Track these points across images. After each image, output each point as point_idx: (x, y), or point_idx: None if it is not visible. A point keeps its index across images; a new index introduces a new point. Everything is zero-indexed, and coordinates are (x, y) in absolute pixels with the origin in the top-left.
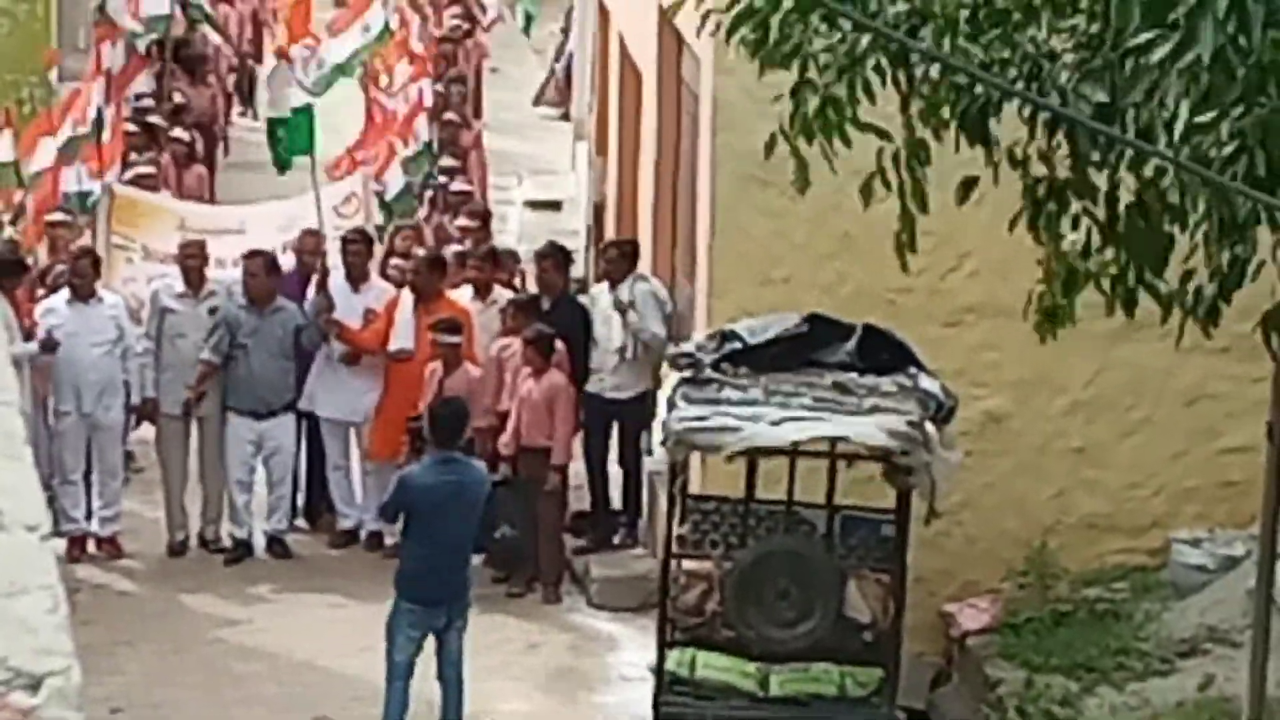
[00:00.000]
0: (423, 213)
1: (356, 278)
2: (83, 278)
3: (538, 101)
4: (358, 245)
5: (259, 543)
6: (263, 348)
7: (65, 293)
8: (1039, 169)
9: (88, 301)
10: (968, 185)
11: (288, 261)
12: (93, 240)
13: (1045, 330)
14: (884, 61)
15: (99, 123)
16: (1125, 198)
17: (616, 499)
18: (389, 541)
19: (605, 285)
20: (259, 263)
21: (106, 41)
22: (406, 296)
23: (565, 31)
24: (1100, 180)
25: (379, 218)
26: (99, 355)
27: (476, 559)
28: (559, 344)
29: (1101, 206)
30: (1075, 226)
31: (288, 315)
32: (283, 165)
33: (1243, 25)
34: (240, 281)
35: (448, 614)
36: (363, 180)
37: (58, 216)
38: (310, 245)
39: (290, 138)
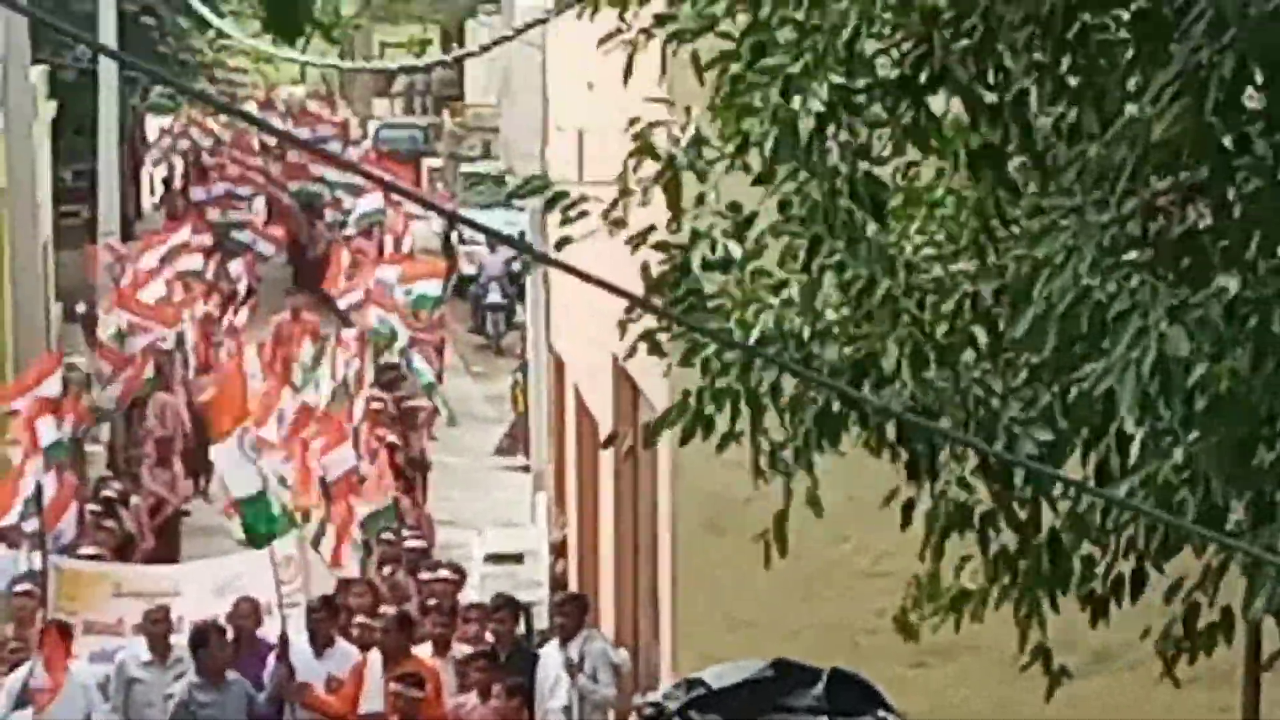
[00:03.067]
0: (377, 570)
1: (321, 644)
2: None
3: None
4: (320, 613)
5: None
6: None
7: (34, 665)
8: (958, 494)
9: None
10: (908, 508)
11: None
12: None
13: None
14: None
15: (39, 498)
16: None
17: None
18: None
19: (555, 643)
20: (214, 636)
21: (45, 415)
22: (375, 658)
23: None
24: (1020, 512)
25: (324, 584)
26: None
27: None
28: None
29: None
30: (984, 551)
31: (241, 687)
32: (255, 542)
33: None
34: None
35: None
36: (298, 542)
37: (24, 586)
38: (245, 610)
39: (253, 520)
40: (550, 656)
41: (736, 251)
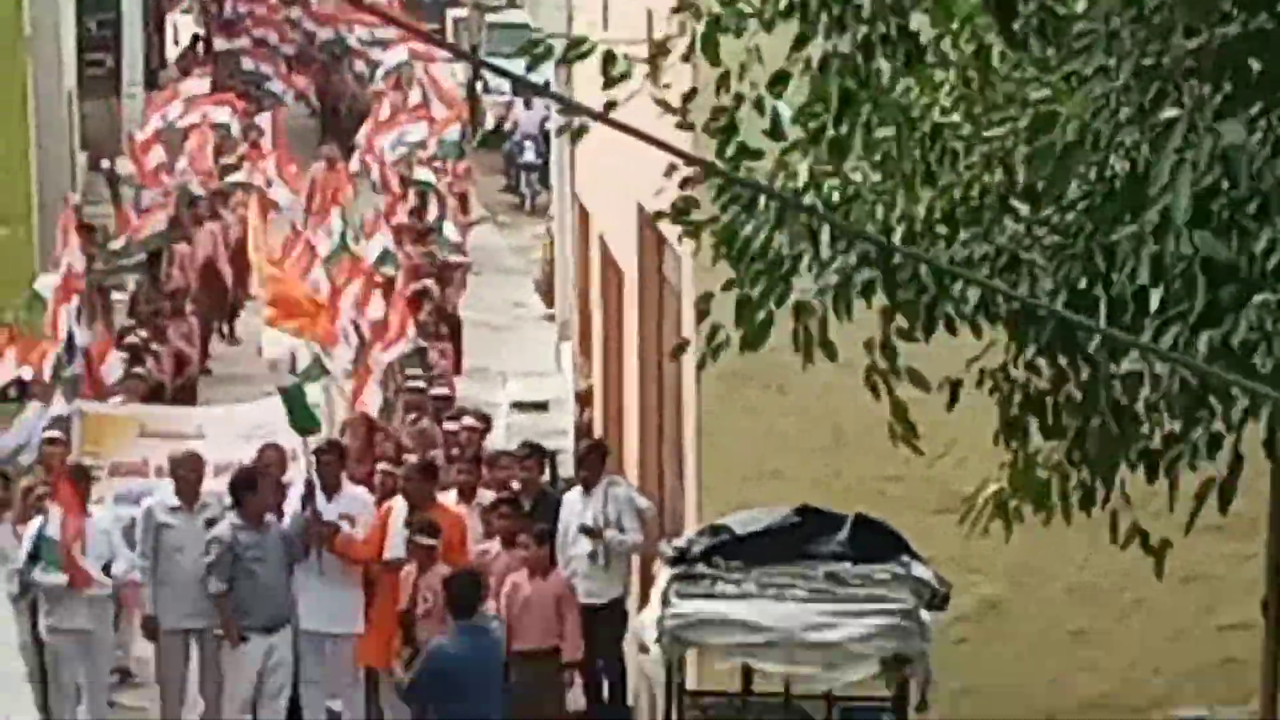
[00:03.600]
0: (401, 418)
1: (330, 488)
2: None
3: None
4: (329, 456)
5: None
6: (270, 560)
7: (56, 511)
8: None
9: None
10: (954, 388)
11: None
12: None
13: (980, 521)
14: (868, 274)
15: (70, 348)
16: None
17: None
18: None
19: (578, 490)
20: (261, 481)
21: (64, 304)
22: (399, 504)
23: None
24: (1074, 391)
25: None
26: (96, 571)
27: None
28: None
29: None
30: (1046, 437)
31: (279, 530)
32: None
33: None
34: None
35: None
36: (323, 390)
37: (52, 434)
38: (272, 458)
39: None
40: (572, 503)
41: (784, 110)
